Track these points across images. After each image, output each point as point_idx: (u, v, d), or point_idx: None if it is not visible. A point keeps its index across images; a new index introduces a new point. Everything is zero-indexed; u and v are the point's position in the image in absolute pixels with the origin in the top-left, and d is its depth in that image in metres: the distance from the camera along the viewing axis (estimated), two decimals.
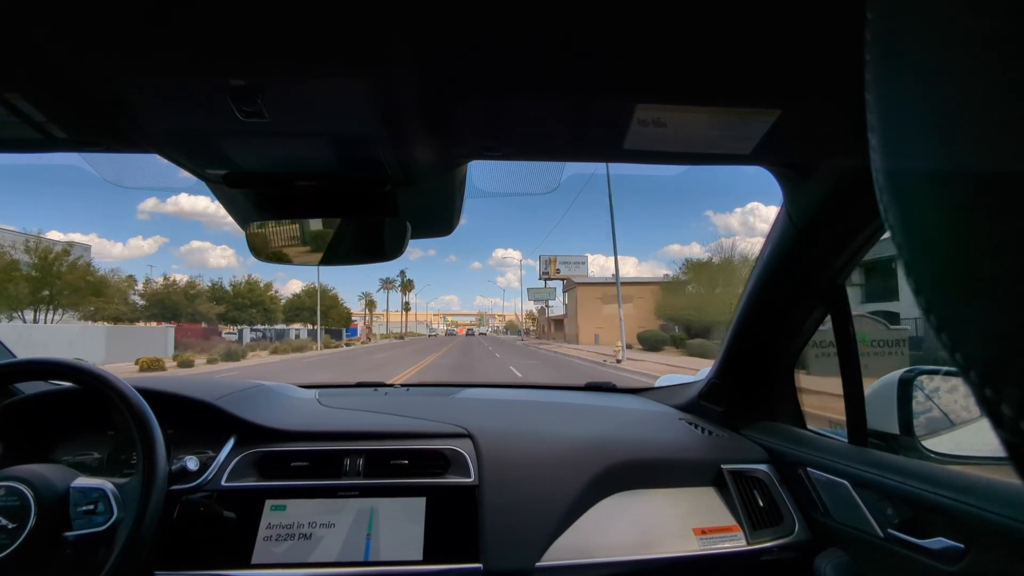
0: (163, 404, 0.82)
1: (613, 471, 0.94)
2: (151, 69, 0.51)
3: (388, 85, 0.55)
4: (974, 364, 0.13)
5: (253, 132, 0.62)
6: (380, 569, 0.81)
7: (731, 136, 0.66)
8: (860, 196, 0.77)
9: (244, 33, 0.46)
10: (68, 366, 0.80)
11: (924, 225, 0.15)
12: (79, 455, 0.94)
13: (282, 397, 1.16)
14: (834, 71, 0.52)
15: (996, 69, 0.12)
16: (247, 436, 0.95)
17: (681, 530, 0.90)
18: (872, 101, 0.16)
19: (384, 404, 1.17)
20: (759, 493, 0.96)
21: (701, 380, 1.27)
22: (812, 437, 1.01)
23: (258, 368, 15.01)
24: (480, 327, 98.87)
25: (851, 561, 0.82)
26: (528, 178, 0.88)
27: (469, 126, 0.65)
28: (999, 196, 0.12)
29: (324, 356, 21.24)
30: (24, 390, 1.02)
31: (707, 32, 0.47)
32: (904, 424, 0.89)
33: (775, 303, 1.01)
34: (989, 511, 0.61)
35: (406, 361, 16.47)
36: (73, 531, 0.70)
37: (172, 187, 0.85)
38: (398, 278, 76.20)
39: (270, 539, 0.83)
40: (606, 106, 0.60)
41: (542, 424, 1.11)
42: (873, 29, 0.15)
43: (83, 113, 0.61)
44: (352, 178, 0.77)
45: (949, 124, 0.13)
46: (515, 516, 0.87)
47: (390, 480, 0.90)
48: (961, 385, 0.90)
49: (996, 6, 0.12)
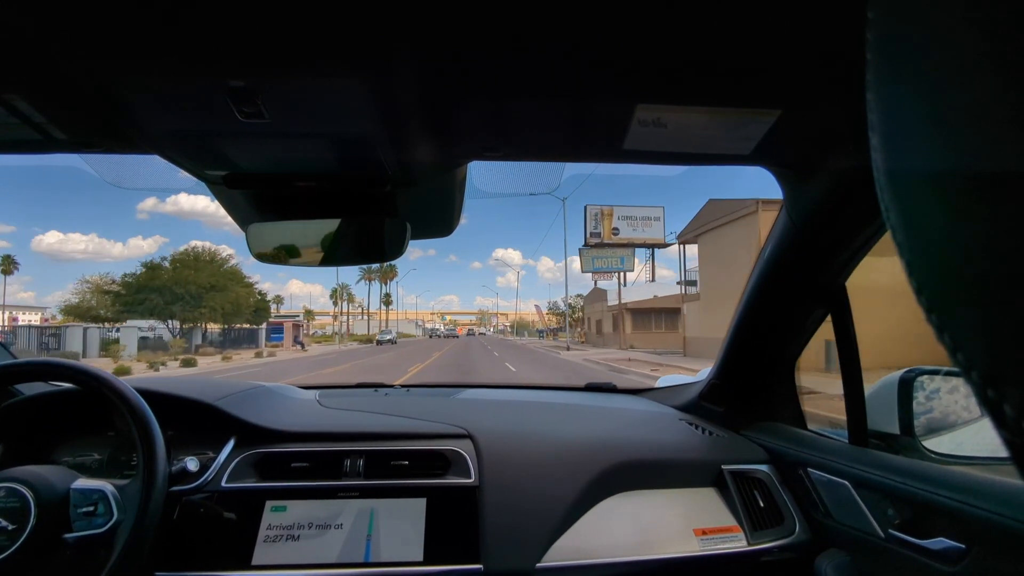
0: (163, 405, 0.82)
1: (613, 472, 0.94)
2: (151, 70, 0.51)
3: (388, 86, 0.55)
4: (976, 365, 0.13)
5: (253, 133, 0.62)
6: (380, 570, 0.81)
7: (731, 136, 0.66)
8: (860, 196, 0.76)
9: (244, 34, 0.46)
10: (68, 367, 0.80)
11: (925, 225, 0.15)
12: (79, 456, 0.94)
13: (282, 398, 1.16)
14: (835, 71, 0.52)
15: (998, 68, 0.12)
16: (247, 437, 0.95)
17: (682, 531, 0.90)
18: (873, 101, 0.16)
19: (384, 405, 1.17)
20: (760, 493, 0.96)
21: (701, 381, 1.27)
22: (812, 437, 1.01)
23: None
24: (480, 327, 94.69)
25: (852, 562, 0.82)
26: (528, 178, 0.88)
27: (469, 126, 0.65)
28: (1001, 195, 0.12)
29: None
30: (24, 391, 1.02)
31: (707, 32, 0.47)
32: (905, 424, 0.89)
33: (775, 303, 1.01)
34: (990, 511, 0.61)
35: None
36: (73, 533, 0.70)
37: (172, 187, 0.85)
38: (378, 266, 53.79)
39: (270, 540, 0.83)
40: (606, 106, 0.60)
41: (542, 425, 1.11)
42: (874, 29, 0.15)
43: (83, 114, 0.61)
44: (352, 178, 0.77)
45: (951, 123, 0.13)
46: (515, 517, 0.86)
47: (390, 481, 0.90)
48: (962, 385, 0.91)
49: (997, 5, 0.12)
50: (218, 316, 25.54)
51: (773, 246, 0.93)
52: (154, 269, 24.86)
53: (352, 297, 60.36)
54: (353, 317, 64.08)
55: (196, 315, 24.48)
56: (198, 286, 24.32)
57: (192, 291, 24.00)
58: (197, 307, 24.03)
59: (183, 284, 23.92)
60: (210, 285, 24.90)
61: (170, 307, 23.69)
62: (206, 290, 24.59)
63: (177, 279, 24.10)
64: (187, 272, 24.76)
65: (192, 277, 24.50)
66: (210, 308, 24.48)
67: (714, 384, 1.19)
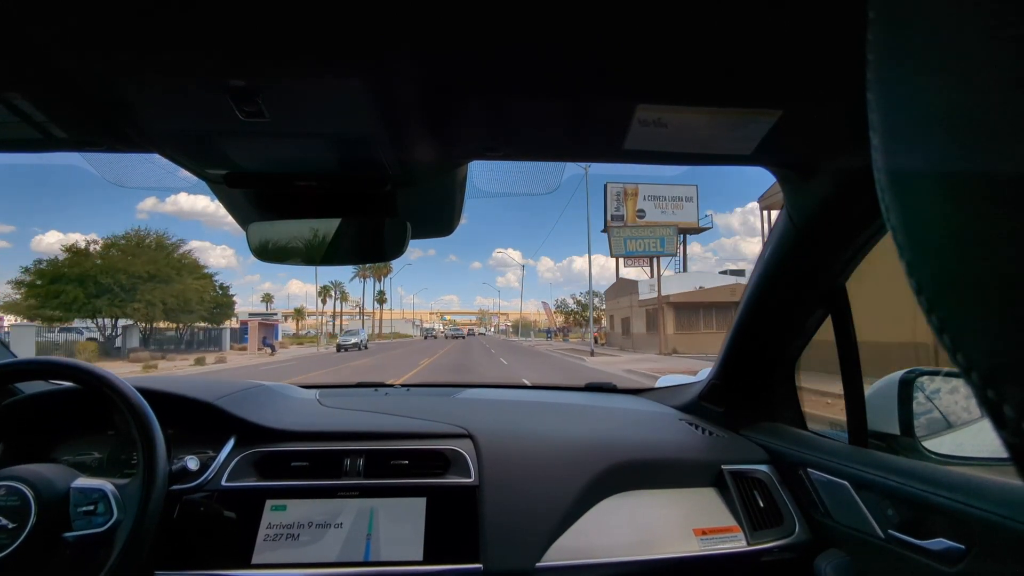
0: (163, 404, 0.82)
1: (613, 471, 0.94)
2: (152, 69, 0.51)
3: (388, 85, 0.55)
4: (976, 365, 0.13)
5: (253, 132, 0.62)
6: (380, 569, 0.81)
7: (732, 137, 0.66)
8: (861, 196, 0.76)
9: (244, 33, 0.46)
10: (68, 366, 0.80)
11: (926, 225, 0.15)
12: (79, 455, 0.94)
13: (282, 397, 1.16)
14: (835, 71, 0.52)
15: (1000, 68, 0.12)
16: (247, 436, 0.95)
17: (681, 531, 0.90)
18: (874, 101, 0.16)
19: (384, 404, 1.17)
20: (759, 494, 0.96)
21: (701, 381, 1.27)
22: (812, 438, 1.01)
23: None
24: (480, 327, 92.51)
25: (851, 562, 0.82)
26: (529, 178, 0.88)
27: (470, 126, 0.65)
28: (1002, 196, 0.12)
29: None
30: (24, 390, 1.02)
31: (708, 32, 0.47)
32: (905, 425, 0.89)
33: (776, 304, 1.01)
34: (990, 512, 0.61)
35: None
36: (73, 531, 0.70)
37: (172, 187, 0.84)
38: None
39: (270, 539, 0.83)
40: (607, 106, 0.60)
41: (543, 424, 1.11)
42: (875, 28, 0.15)
43: (84, 113, 0.61)
44: (352, 178, 0.77)
45: (952, 123, 0.13)
46: (515, 516, 0.86)
47: (390, 480, 0.90)
48: (962, 386, 0.91)
49: (999, 5, 0.12)
50: (157, 313, 20.34)
51: (774, 246, 0.93)
52: (78, 255, 19.68)
53: (346, 296, 55.29)
54: (350, 316, 59.74)
55: (129, 311, 19.60)
56: (130, 275, 19.32)
57: (122, 282, 19.04)
58: (129, 302, 19.26)
59: (112, 273, 19.00)
60: (148, 275, 19.89)
61: (93, 301, 18.62)
62: (142, 280, 19.64)
63: (107, 267, 19.28)
64: (120, 260, 19.95)
65: (124, 265, 19.49)
66: (146, 303, 19.51)
67: (714, 384, 1.19)
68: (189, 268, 22.88)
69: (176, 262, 22.33)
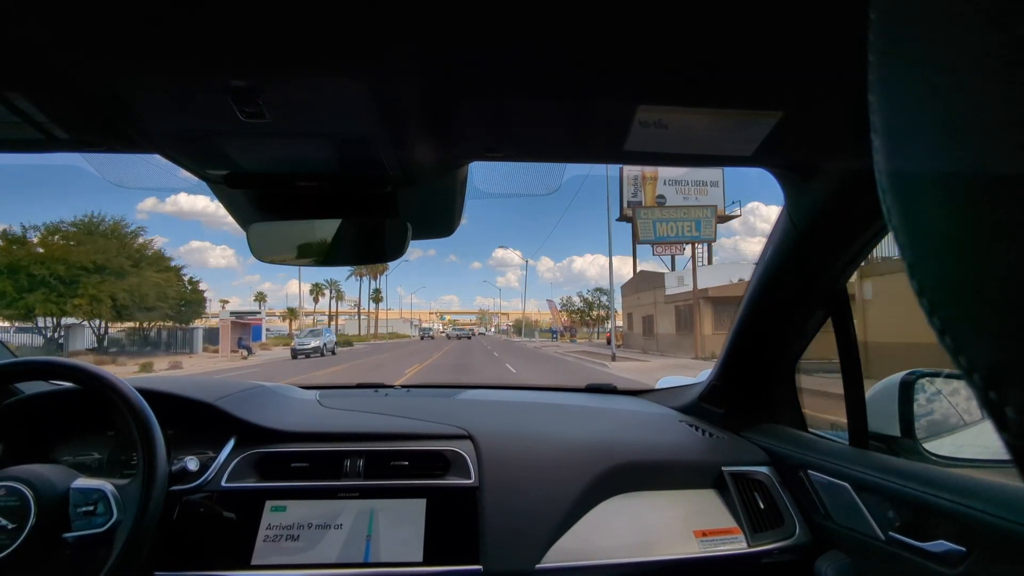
0: (163, 405, 0.82)
1: (614, 473, 0.94)
2: (152, 70, 0.51)
3: (389, 86, 0.55)
4: (978, 367, 0.13)
5: (254, 133, 0.62)
6: (380, 570, 0.81)
7: (733, 138, 0.66)
8: (862, 198, 0.76)
9: (245, 34, 0.46)
10: (69, 366, 0.80)
11: (927, 226, 0.15)
12: (79, 455, 0.94)
13: (282, 398, 1.16)
14: (836, 72, 0.52)
15: (1001, 69, 0.12)
16: (247, 437, 0.95)
17: (682, 532, 0.90)
18: (875, 102, 0.16)
19: (384, 405, 1.17)
20: (760, 495, 0.96)
21: (702, 382, 1.27)
22: (813, 439, 1.01)
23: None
24: (480, 327, 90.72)
25: (852, 564, 0.81)
26: (529, 179, 0.88)
27: (470, 127, 0.65)
28: (1003, 197, 0.12)
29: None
30: (24, 390, 1.02)
31: (708, 33, 0.47)
32: (905, 426, 0.89)
33: (776, 305, 1.01)
34: (991, 514, 0.60)
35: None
36: (73, 532, 0.70)
37: (173, 187, 0.84)
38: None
39: (270, 540, 0.83)
40: (607, 108, 0.60)
41: (543, 425, 1.11)
42: (876, 30, 0.15)
43: (84, 114, 0.61)
44: (353, 179, 0.77)
45: (953, 124, 0.13)
46: (515, 518, 0.86)
47: (390, 481, 0.90)
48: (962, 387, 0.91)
49: (1000, 7, 0.12)
50: (104, 310, 17.00)
51: (774, 248, 0.93)
52: (14, 243, 16.56)
53: (341, 295, 51.44)
54: (348, 316, 57.20)
55: (69, 308, 16.47)
56: (71, 266, 16.20)
57: (60, 273, 15.97)
58: (69, 297, 16.23)
59: (48, 263, 16.06)
60: (95, 266, 16.71)
61: (24, 297, 15.69)
62: (87, 272, 16.46)
63: (46, 257, 16.32)
64: (60, 248, 16.81)
65: (63, 254, 16.37)
66: (91, 299, 16.38)
67: (714, 385, 1.19)
68: (150, 260, 19.70)
69: (134, 252, 19.08)
